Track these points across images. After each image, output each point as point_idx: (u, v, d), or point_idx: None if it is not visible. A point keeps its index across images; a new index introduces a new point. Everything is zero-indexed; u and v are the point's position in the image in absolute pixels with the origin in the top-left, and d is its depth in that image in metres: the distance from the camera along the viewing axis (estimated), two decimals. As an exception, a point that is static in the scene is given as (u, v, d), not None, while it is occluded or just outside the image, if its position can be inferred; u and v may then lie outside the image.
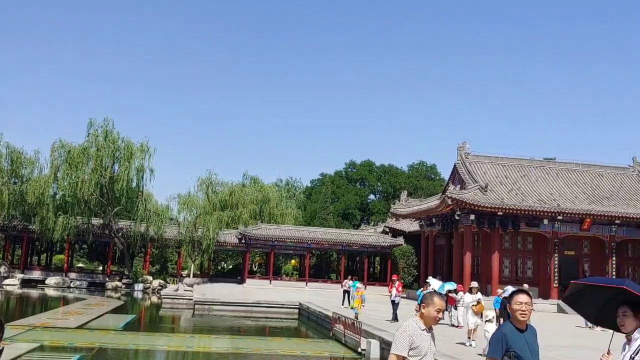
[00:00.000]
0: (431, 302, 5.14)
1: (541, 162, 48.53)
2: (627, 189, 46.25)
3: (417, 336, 5.05)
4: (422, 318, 5.19)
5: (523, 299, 5.19)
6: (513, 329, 5.10)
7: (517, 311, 5.14)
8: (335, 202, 77.47)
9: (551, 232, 41.56)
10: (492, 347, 5.13)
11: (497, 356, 5.01)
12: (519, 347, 5.00)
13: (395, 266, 54.53)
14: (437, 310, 5.12)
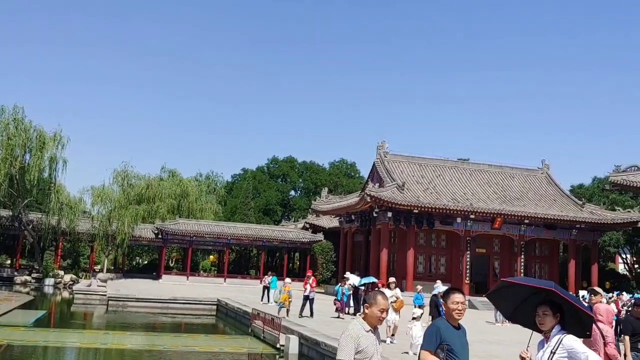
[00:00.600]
0: (375, 301, 5.02)
1: (455, 163, 50.20)
2: (536, 190, 48.56)
3: (362, 338, 4.93)
4: (366, 319, 5.05)
5: (460, 299, 5.35)
6: (448, 325, 5.27)
7: (454, 310, 5.29)
8: (256, 198, 77.22)
9: (464, 231, 43.11)
10: (426, 340, 5.25)
11: (431, 348, 5.15)
12: (452, 342, 5.17)
13: (315, 262, 55.02)
14: (381, 310, 5.00)
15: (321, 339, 17.38)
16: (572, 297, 5.33)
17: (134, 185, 56.69)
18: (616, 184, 38.20)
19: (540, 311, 5.31)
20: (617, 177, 37.63)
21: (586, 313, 5.28)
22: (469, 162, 51.30)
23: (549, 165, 51.15)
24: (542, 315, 5.30)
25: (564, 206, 46.09)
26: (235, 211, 71.01)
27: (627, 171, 37.55)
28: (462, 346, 5.25)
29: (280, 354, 18.85)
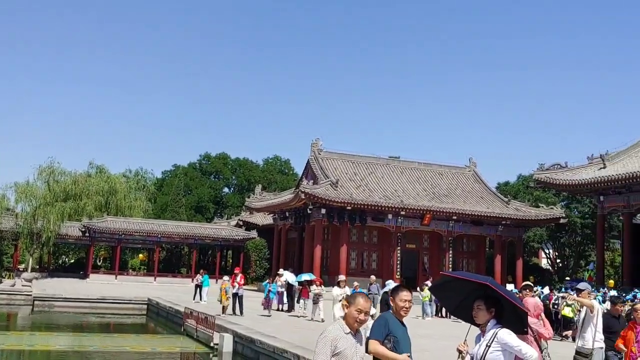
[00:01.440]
0: (353, 302, 4.94)
1: (387, 160, 51.11)
2: (464, 187, 50.03)
3: (341, 340, 4.80)
4: (346, 320, 4.95)
5: (407, 297, 5.57)
6: (395, 320, 5.47)
7: (402, 307, 5.50)
8: (188, 195, 76.10)
9: (395, 227, 43.96)
10: (375, 330, 5.39)
11: (380, 337, 5.31)
12: (399, 335, 5.37)
13: (248, 259, 54.81)
14: (358, 311, 4.89)
15: (256, 336, 17.39)
16: (507, 292, 5.53)
17: (60, 182, 54.84)
18: (540, 181, 39.78)
19: (475, 305, 5.47)
20: (541, 175, 39.19)
21: (520, 308, 5.50)
22: (400, 160, 52.32)
23: (476, 163, 52.77)
24: (476, 309, 5.46)
25: (490, 203, 47.68)
26: (166, 208, 69.76)
27: (551, 169, 39.15)
28: (406, 340, 5.45)
29: (214, 353, 18.74)
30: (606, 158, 36.88)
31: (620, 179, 33.83)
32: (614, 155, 37.26)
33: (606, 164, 36.44)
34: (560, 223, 48.32)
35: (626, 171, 33.94)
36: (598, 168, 36.71)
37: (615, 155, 37.26)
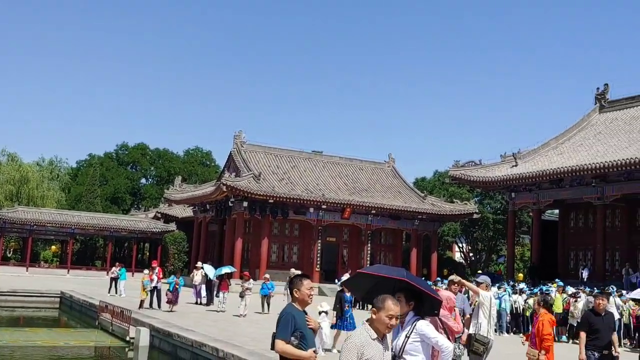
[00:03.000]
0: (383, 306, 4.66)
1: (310, 155, 51.47)
2: (383, 182, 51.08)
3: (367, 347, 4.56)
4: (373, 325, 4.69)
5: (311, 284, 5.70)
6: (298, 311, 5.54)
7: (308, 295, 5.59)
8: (104, 185, 73.78)
9: (316, 220, 44.39)
10: (282, 328, 5.41)
11: (288, 337, 5.35)
12: (303, 327, 5.45)
13: (166, 253, 53.88)
14: (389, 317, 4.65)
15: (174, 330, 17.21)
16: (423, 284, 5.75)
17: (-34, 170, 52.10)
18: (455, 178, 41.21)
19: (395, 297, 5.48)
20: (456, 172, 40.59)
21: (435, 298, 5.74)
22: (322, 155, 52.81)
23: (395, 159, 53.96)
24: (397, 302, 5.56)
25: (407, 198, 48.93)
26: (81, 199, 67.40)
27: (465, 166, 40.60)
28: (308, 331, 5.54)
29: (130, 347, 18.37)
30: (518, 156, 38.60)
31: (530, 176, 35.53)
32: (525, 154, 39.05)
33: (518, 162, 38.16)
34: (474, 218, 50.27)
35: (536, 169, 35.68)
36: (510, 166, 38.39)
37: (526, 154, 39.07)
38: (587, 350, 9.06)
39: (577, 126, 40.55)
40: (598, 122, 40.11)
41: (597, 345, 9.15)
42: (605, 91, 41.60)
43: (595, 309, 9.58)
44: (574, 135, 39.69)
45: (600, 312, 9.42)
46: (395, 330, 5.61)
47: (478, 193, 53.10)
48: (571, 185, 35.20)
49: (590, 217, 37.01)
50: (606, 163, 31.05)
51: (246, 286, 23.62)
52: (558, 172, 33.72)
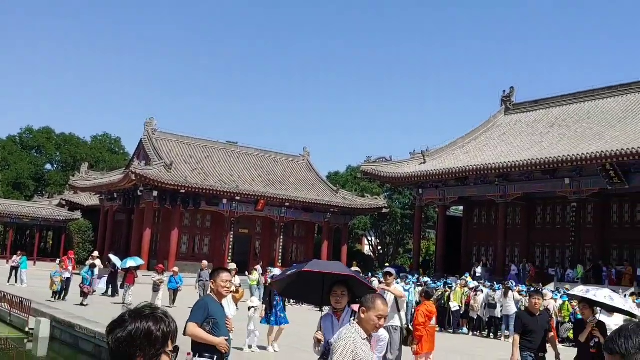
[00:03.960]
0: (373, 306, 4.48)
1: (224, 145, 50.97)
2: (297, 175, 51.39)
3: (360, 347, 4.39)
4: (362, 325, 4.49)
5: (227, 277, 5.77)
6: (215, 302, 5.66)
7: (223, 287, 5.68)
8: (5, 170, 70.01)
9: (229, 212, 44.09)
10: (194, 313, 5.50)
11: (199, 320, 5.44)
12: (218, 316, 5.56)
13: (70, 241, 51.87)
14: (379, 317, 4.47)
15: (76, 321, 16.71)
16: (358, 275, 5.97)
17: None
18: (367, 173, 42.12)
19: (339, 291, 5.52)
20: (368, 167, 41.48)
21: (371, 288, 6.03)
22: (237, 145, 52.42)
23: (309, 153, 54.39)
24: (340, 295, 5.53)
25: (321, 191, 49.49)
26: (-21, 184, 63.77)
27: (377, 162, 41.55)
28: (223, 321, 5.66)
29: (29, 338, 17.68)
30: (426, 154, 39.89)
31: (437, 174, 36.81)
32: (433, 152, 40.41)
33: (426, 159, 39.44)
34: (383, 213, 51.51)
35: (443, 167, 37.00)
36: (419, 163, 39.62)
37: (434, 152, 40.43)
38: (522, 352, 8.49)
39: (483, 127, 42.33)
40: (503, 123, 42.04)
41: (531, 348, 8.54)
42: (510, 94, 43.66)
43: (530, 309, 8.98)
44: (480, 135, 41.42)
45: (534, 313, 8.82)
46: (325, 321, 5.63)
47: (388, 188, 54.42)
48: (476, 184, 36.77)
49: (493, 214, 38.80)
50: (509, 163, 32.62)
51: (160, 279, 22.98)
52: (463, 170, 35.11)
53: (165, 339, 2.12)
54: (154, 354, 2.07)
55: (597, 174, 30.23)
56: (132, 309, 2.17)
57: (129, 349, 2.05)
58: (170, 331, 2.15)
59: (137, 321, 2.09)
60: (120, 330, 2.07)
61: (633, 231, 32.56)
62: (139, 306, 2.16)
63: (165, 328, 2.13)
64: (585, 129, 34.57)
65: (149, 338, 2.07)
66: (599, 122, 34.66)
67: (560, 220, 35.76)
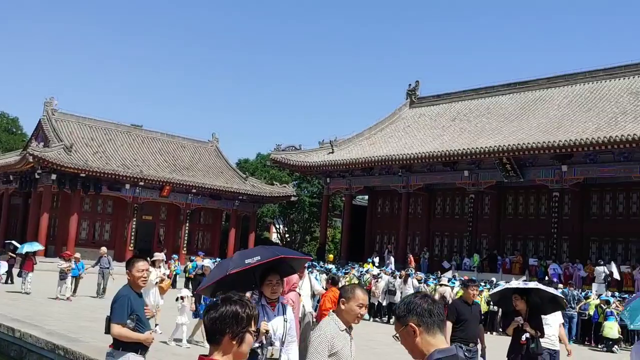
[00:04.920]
0: (353, 295, 4.36)
1: (128, 128, 49.46)
2: (205, 161, 50.69)
3: (337, 338, 4.28)
4: (341, 316, 4.36)
5: (144, 266, 5.59)
6: (134, 294, 5.52)
7: (139, 278, 5.52)
8: None
9: (132, 197, 42.93)
10: (118, 312, 5.33)
11: (123, 320, 5.30)
12: (139, 310, 5.44)
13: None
14: (360, 305, 4.35)
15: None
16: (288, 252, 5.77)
17: None
18: (276, 161, 42.25)
19: (274, 280, 5.23)
20: (277, 155, 41.60)
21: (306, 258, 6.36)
22: (142, 129, 51.02)
23: (218, 139, 53.77)
24: (276, 285, 5.24)
25: (229, 178, 49.10)
26: None
27: (286, 150, 41.73)
28: (143, 312, 5.56)
29: None
30: (335, 144, 40.47)
31: (344, 163, 37.46)
32: (341, 142, 41.04)
33: (334, 149, 40.01)
34: (292, 201, 51.82)
35: (350, 157, 37.68)
36: (327, 152, 40.15)
37: (342, 142, 41.07)
38: (453, 343, 8.18)
39: (389, 119, 43.39)
40: (408, 116, 43.24)
41: (464, 338, 8.35)
42: (416, 88, 44.95)
43: (465, 298, 8.78)
44: (386, 127, 42.44)
45: (469, 302, 8.67)
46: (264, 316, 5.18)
47: (297, 177, 54.77)
48: (380, 174, 37.72)
49: (396, 204, 39.93)
50: (411, 155, 33.68)
51: (69, 266, 21.74)
52: (369, 161, 35.91)
53: (249, 320, 2.60)
54: (240, 331, 2.56)
55: (495, 167, 31.75)
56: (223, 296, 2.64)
57: (221, 326, 2.54)
58: (254, 314, 2.63)
59: (228, 305, 2.58)
60: (213, 312, 2.56)
61: (525, 223, 34.45)
62: (229, 294, 2.65)
63: (250, 311, 2.61)
64: (484, 124, 36.14)
65: (237, 318, 2.55)
66: (498, 118, 36.33)
67: (459, 210, 37.30)
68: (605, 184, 31.16)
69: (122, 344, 5.40)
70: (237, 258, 5.28)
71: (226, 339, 2.55)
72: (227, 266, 5.19)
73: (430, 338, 2.72)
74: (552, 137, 28.95)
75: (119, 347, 5.41)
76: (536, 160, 30.75)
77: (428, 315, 2.74)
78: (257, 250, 5.46)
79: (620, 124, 28.44)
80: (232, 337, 2.55)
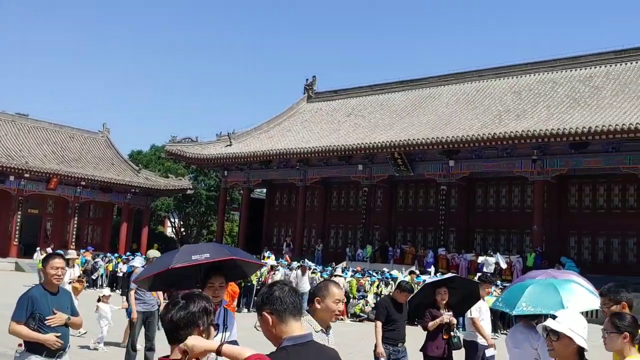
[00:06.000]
0: (328, 292, 4.08)
1: (13, 117, 46.65)
2: (95, 153, 48.78)
3: None
4: (317, 316, 4.09)
5: (60, 264, 5.38)
6: (44, 292, 5.33)
7: (53, 276, 5.33)
8: None
9: (17, 190, 40.64)
10: (16, 310, 5.19)
11: (22, 318, 5.16)
12: (44, 309, 5.24)
13: None
14: (336, 301, 4.09)
15: None
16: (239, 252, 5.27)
17: None
18: (171, 153, 41.46)
19: (216, 283, 4.85)
20: (173, 147, 40.84)
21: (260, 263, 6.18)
22: (27, 118, 48.28)
23: (109, 130, 51.86)
24: (219, 288, 4.88)
25: (121, 170, 47.57)
26: None
27: (182, 142, 41.07)
28: (60, 311, 5.36)
29: None
30: (233, 137, 40.28)
31: (242, 156, 37.43)
32: (240, 134, 40.92)
33: (232, 142, 39.83)
34: (188, 194, 51.02)
35: (248, 150, 37.67)
36: (225, 145, 39.91)
37: (241, 135, 40.96)
38: (384, 343, 7.94)
39: (287, 113, 43.74)
40: (305, 110, 43.78)
41: (392, 338, 8.03)
42: (313, 82, 45.54)
43: (396, 297, 8.32)
44: (284, 121, 42.76)
45: (401, 302, 8.23)
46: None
47: (193, 169, 53.95)
48: (278, 167, 38.00)
49: (294, 197, 40.38)
50: (308, 149, 34.17)
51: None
52: (267, 154, 36.08)
53: (212, 313, 2.75)
54: (208, 323, 2.69)
55: (387, 161, 32.83)
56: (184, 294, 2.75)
57: (193, 320, 2.64)
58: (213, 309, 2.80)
59: (195, 302, 2.69)
60: (182, 311, 2.65)
61: (415, 215, 35.90)
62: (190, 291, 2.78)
63: (211, 306, 2.76)
64: (378, 120, 37.24)
65: (206, 311, 2.69)
66: (391, 114, 37.54)
67: (353, 203, 38.28)
68: (490, 179, 33.03)
69: (27, 344, 5.27)
70: (183, 252, 4.79)
71: (196, 331, 2.65)
72: (171, 259, 4.72)
73: (283, 326, 2.83)
74: (440, 133, 30.34)
75: (25, 347, 5.29)
76: (426, 155, 32.10)
77: (280, 304, 2.85)
78: (207, 246, 5.11)
79: (504, 121, 30.25)
80: (201, 332, 2.65)
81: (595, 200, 30.47)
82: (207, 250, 4.78)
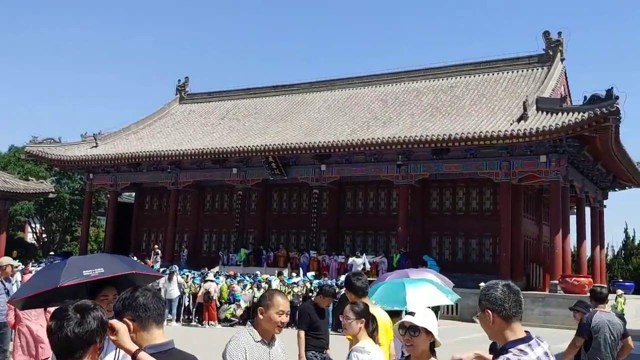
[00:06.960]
0: (272, 302, 4.02)
1: None
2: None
3: (250, 349, 3.96)
4: (259, 327, 4.04)
5: None
6: None
7: None
8: None
9: None
10: None
11: None
12: None
13: None
14: (280, 313, 4.02)
15: None
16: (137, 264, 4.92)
17: None
18: (32, 154, 39.12)
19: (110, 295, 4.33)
20: (34, 148, 38.57)
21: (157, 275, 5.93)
22: None
23: (-37, 128, 48.08)
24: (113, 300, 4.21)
25: (-25, 173, 44.18)
26: None
27: (44, 143, 38.86)
28: None
29: None
30: (99, 138, 38.70)
31: (109, 158, 36.05)
32: (106, 135, 39.38)
33: (98, 143, 38.26)
34: (50, 198, 48.18)
35: (115, 152, 36.35)
36: (90, 147, 38.25)
37: (107, 136, 39.43)
38: (308, 351, 7.58)
39: (158, 114, 42.69)
40: (177, 112, 42.95)
41: (318, 346, 7.70)
42: (185, 84, 44.80)
43: (318, 302, 8.04)
44: (155, 122, 41.70)
45: (323, 307, 7.99)
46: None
47: (56, 172, 51.18)
48: (148, 170, 37.02)
49: (165, 201, 39.44)
50: (181, 151, 33.58)
51: None
52: (136, 156, 35.01)
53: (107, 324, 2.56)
54: (103, 337, 2.49)
55: (262, 165, 32.98)
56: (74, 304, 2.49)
57: (89, 338, 2.41)
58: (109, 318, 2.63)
59: (90, 314, 2.45)
60: (77, 327, 2.39)
61: (289, 218, 36.33)
62: (81, 301, 2.51)
63: (107, 318, 2.55)
64: (252, 123, 37.32)
65: (103, 325, 2.49)
66: (265, 118, 37.75)
67: (228, 207, 38.05)
68: (359, 182, 34.16)
69: None
70: (71, 267, 4.26)
71: (92, 349, 2.44)
72: (57, 276, 4.16)
73: (144, 333, 2.80)
74: (312, 138, 30.99)
75: None
76: (299, 160, 32.64)
77: (143, 310, 2.80)
78: (99, 259, 4.58)
79: (371, 128, 31.43)
80: (97, 348, 2.46)
81: (455, 203, 32.43)
82: (99, 264, 4.31)
